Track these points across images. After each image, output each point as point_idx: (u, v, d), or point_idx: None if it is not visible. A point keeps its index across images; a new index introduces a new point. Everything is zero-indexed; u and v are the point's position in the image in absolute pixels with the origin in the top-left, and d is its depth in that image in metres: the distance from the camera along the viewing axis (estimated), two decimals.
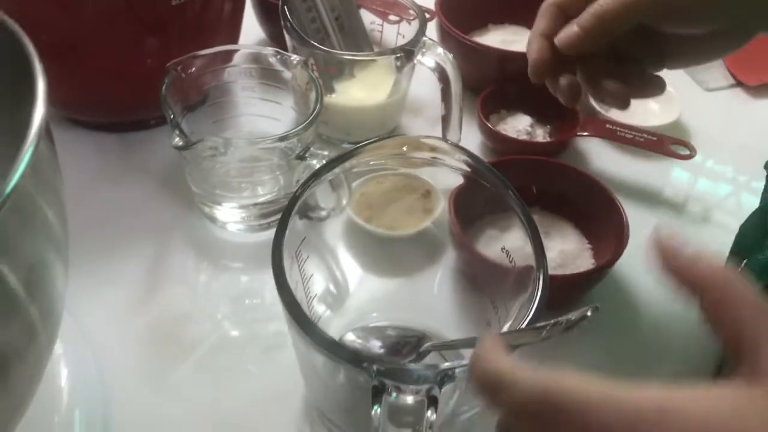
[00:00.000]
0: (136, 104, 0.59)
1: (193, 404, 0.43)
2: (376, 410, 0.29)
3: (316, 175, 0.38)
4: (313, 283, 0.42)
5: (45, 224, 0.28)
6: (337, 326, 0.44)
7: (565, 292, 0.48)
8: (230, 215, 0.53)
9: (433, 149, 0.42)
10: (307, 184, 0.37)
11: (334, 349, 0.31)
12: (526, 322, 0.33)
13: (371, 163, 0.41)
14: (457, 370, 0.29)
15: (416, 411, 0.30)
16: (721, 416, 0.23)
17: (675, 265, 0.27)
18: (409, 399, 0.30)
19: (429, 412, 0.30)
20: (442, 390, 0.30)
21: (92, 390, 0.45)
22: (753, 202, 0.49)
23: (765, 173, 0.46)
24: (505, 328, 0.37)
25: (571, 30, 0.43)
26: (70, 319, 0.45)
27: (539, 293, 0.34)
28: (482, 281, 0.46)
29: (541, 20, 0.46)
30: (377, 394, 0.30)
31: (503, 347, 0.27)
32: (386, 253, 0.51)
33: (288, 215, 0.36)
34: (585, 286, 0.49)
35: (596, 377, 0.25)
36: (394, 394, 0.30)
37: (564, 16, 0.44)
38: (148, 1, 0.51)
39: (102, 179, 0.57)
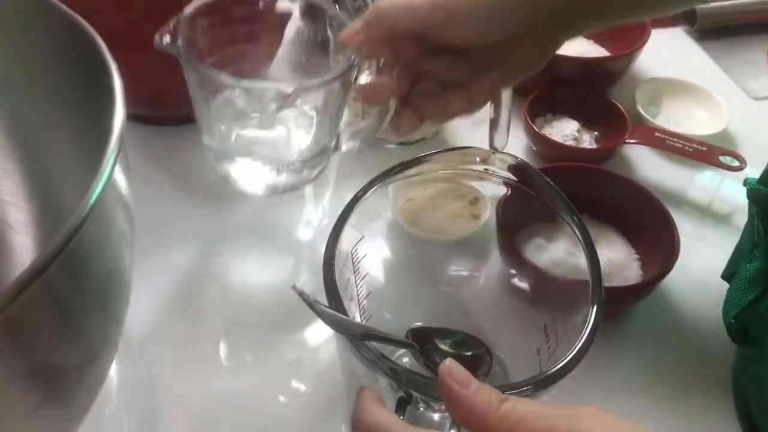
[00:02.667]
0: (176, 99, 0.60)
1: (228, 396, 0.44)
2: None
3: (380, 178, 0.38)
4: (365, 282, 0.42)
5: (119, 232, 0.28)
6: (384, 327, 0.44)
7: (613, 304, 0.48)
8: (247, 172, 0.50)
9: (488, 161, 0.41)
10: (371, 186, 0.37)
11: (371, 355, 0.31)
12: (579, 346, 0.33)
13: (435, 174, 0.41)
14: None
15: (439, 426, 0.30)
16: None
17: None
18: (436, 416, 0.30)
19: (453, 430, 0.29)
20: None
21: (138, 384, 0.45)
22: None
23: None
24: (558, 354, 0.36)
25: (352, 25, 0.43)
26: None
27: (593, 317, 0.34)
28: (531, 290, 0.45)
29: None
30: (402, 404, 0.30)
31: (378, 400, 0.29)
32: (432, 258, 0.51)
33: (346, 217, 0.36)
34: (632, 299, 0.49)
35: None
36: (421, 407, 0.30)
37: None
38: None
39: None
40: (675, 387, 0.46)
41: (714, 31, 0.78)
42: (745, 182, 0.44)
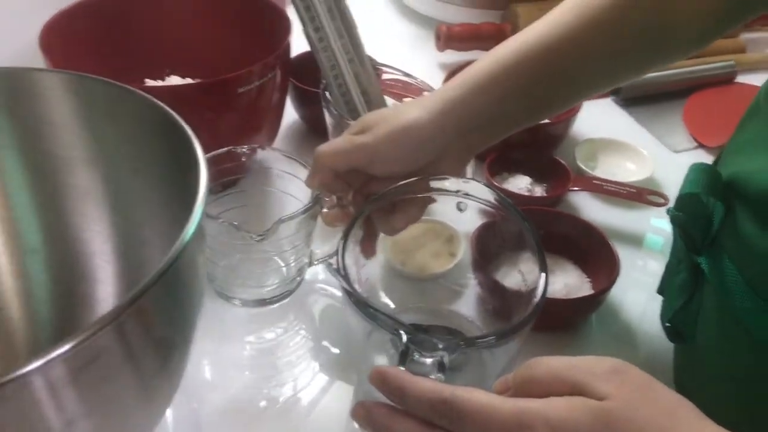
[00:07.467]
0: None
1: None
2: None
3: (382, 197, 0.49)
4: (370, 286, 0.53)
5: (202, 264, 0.38)
6: None
7: (570, 313, 0.59)
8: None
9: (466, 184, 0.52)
10: (371, 203, 0.50)
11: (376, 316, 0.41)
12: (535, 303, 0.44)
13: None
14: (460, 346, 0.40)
15: (429, 370, 0.40)
16: (580, 419, 0.31)
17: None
18: (428, 360, 0.40)
19: (439, 373, 0.39)
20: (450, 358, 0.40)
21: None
22: None
23: None
24: None
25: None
26: None
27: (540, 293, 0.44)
28: (503, 309, 0.55)
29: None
30: (404, 355, 0.39)
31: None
32: (419, 290, 0.61)
33: (354, 222, 0.48)
34: (586, 309, 0.59)
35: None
36: (416, 356, 0.39)
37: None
38: (220, 88, 0.62)
39: None
40: None
41: (637, 99, 0.93)
42: (668, 211, 0.54)
